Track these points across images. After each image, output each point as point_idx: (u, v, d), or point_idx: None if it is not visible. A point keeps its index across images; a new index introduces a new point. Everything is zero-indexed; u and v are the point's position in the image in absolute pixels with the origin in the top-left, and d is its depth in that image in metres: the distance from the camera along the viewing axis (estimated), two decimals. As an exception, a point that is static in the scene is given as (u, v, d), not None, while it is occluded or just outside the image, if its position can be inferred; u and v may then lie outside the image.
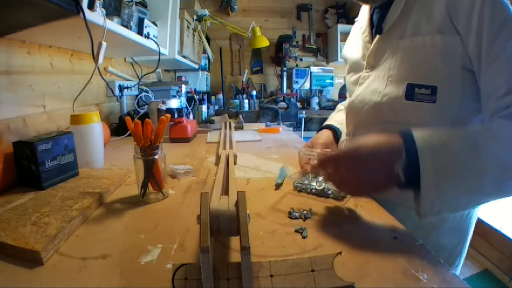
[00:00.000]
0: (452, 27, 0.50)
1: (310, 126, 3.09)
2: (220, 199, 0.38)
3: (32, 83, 0.84)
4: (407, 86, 0.56)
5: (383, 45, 0.61)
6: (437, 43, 0.52)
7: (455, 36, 0.50)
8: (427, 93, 0.54)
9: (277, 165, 0.77)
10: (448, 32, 0.51)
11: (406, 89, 0.56)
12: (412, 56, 0.56)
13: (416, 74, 0.55)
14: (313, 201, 0.56)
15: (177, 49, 1.58)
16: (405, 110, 0.57)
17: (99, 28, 0.77)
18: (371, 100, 0.63)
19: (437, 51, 0.52)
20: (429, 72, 0.54)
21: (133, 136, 0.55)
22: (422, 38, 0.54)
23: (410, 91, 0.56)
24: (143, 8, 1.28)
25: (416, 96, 0.55)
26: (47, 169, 0.58)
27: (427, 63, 0.54)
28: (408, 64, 0.56)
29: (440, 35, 0.52)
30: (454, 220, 0.63)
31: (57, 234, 0.41)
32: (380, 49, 0.62)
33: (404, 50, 0.57)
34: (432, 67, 0.53)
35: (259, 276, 0.33)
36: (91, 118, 0.72)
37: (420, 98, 0.55)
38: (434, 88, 0.53)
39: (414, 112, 0.56)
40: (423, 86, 0.54)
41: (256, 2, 3.10)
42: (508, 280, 1.62)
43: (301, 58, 3.18)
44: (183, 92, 1.72)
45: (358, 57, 0.70)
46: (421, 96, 0.54)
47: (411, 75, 0.56)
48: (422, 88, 0.54)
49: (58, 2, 0.58)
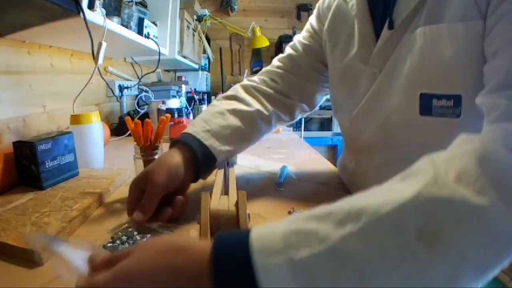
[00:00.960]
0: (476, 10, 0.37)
1: (310, 126, 3.09)
2: (220, 199, 0.38)
3: (32, 83, 0.84)
4: (421, 96, 0.42)
5: (393, 43, 0.46)
6: (458, 34, 0.38)
7: (478, 21, 0.37)
8: (449, 105, 0.41)
9: (277, 165, 0.77)
10: (470, 17, 0.38)
11: (420, 100, 0.42)
12: (423, 53, 0.42)
13: (433, 79, 0.42)
14: (313, 201, 0.56)
15: (177, 49, 1.58)
16: (420, 129, 0.44)
17: (99, 28, 0.77)
18: (375, 118, 0.50)
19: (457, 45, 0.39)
20: (450, 75, 0.40)
21: (133, 136, 0.55)
22: (436, 28, 0.40)
23: (426, 104, 0.42)
24: (143, 8, 1.28)
25: (434, 110, 0.41)
26: (47, 169, 0.58)
27: (447, 63, 0.40)
28: (420, 65, 0.42)
29: (462, 23, 0.38)
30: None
31: (57, 234, 0.41)
32: (388, 48, 0.47)
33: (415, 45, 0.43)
34: (453, 67, 0.40)
35: (259, 276, 0.33)
36: (91, 118, 0.72)
37: (440, 112, 0.41)
38: (457, 97, 0.40)
39: (432, 132, 0.43)
40: (443, 96, 0.41)
41: (256, 2, 3.10)
42: (508, 280, 1.62)
43: (301, 58, 3.18)
44: (183, 92, 1.72)
45: (351, 58, 0.54)
46: (442, 109, 0.41)
47: (426, 81, 0.42)
48: (442, 99, 0.41)
49: (58, 2, 0.58)
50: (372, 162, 0.53)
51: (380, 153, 0.51)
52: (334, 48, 0.59)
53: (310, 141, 1.34)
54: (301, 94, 0.67)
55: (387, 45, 0.47)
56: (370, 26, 0.50)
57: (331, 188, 0.63)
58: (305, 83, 0.67)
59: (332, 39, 0.60)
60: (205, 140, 0.52)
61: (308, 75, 0.66)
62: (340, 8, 0.58)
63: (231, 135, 0.55)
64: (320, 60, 0.66)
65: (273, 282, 0.19)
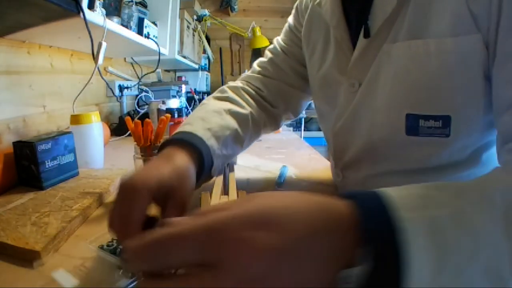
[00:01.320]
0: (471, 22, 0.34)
1: (310, 126, 3.09)
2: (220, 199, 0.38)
3: (32, 83, 0.84)
4: (407, 117, 0.39)
5: (371, 51, 0.43)
6: (447, 51, 0.35)
7: (474, 35, 0.34)
8: (437, 126, 0.38)
9: (277, 165, 0.77)
10: (464, 32, 0.34)
11: (406, 120, 0.40)
12: (409, 70, 0.38)
13: (419, 98, 0.39)
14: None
15: (177, 49, 1.58)
16: (406, 146, 0.42)
17: (99, 28, 0.77)
18: (358, 132, 0.47)
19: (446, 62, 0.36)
20: (438, 95, 0.37)
21: (133, 136, 0.55)
22: (422, 43, 0.37)
23: (412, 124, 0.39)
24: (143, 8, 1.28)
25: (421, 130, 0.39)
26: (47, 169, 0.58)
27: (434, 81, 0.37)
28: (405, 83, 0.39)
29: (452, 39, 0.35)
30: None
31: (57, 234, 0.41)
32: (366, 58, 0.43)
33: (398, 59, 0.39)
34: (442, 87, 0.37)
35: (259, 276, 0.33)
36: (91, 118, 0.72)
37: (428, 132, 0.39)
38: (446, 118, 0.37)
39: (419, 149, 0.41)
40: (431, 117, 0.38)
41: (256, 2, 3.10)
42: (508, 280, 1.62)
43: (301, 58, 3.18)
44: (183, 92, 1.72)
45: (328, 67, 0.50)
46: (429, 130, 0.39)
47: (410, 101, 0.39)
48: (430, 119, 0.38)
49: (58, 2, 0.58)
50: (359, 175, 0.50)
51: (366, 167, 0.49)
52: (311, 56, 0.56)
53: (310, 141, 1.34)
54: (287, 102, 0.63)
55: (364, 55, 0.43)
56: (346, 34, 0.46)
57: (331, 188, 0.63)
58: (290, 90, 0.62)
59: (309, 47, 0.56)
60: (206, 140, 0.44)
61: (292, 81, 0.62)
62: (315, 12, 0.54)
63: (229, 137, 0.48)
64: (302, 63, 0.61)
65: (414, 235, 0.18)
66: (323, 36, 0.52)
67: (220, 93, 0.58)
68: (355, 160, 0.50)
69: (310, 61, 0.57)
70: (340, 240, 0.19)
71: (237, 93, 0.58)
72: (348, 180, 0.53)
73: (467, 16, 0.34)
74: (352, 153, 0.49)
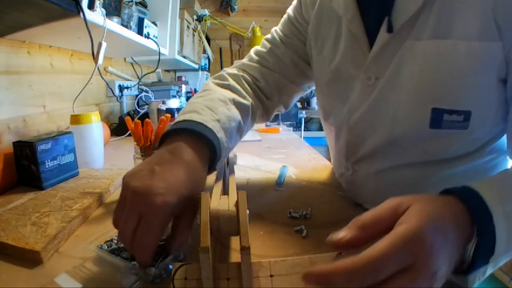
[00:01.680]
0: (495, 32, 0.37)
1: (310, 126, 3.09)
2: (220, 199, 0.38)
3: (32, 83, 0.84)
4: (432, 111, 0.41)
5: (393, 47, 0.44)
6: (476, 52, 0.38)
7: (497, 43, 0.37)
8: (459, 120, 0.41)
9: (277, 165, 0.77)
10: (488, 38, 0.37)
11: (431, 114, 0.42)
12: (437, 67, 0.40)
13: (443, 94, 0.41)
14: (313, 201, 0.56)
15: (177, 49, 1.58)
16: (427, 139, 0.44)
17: (99, 28, 0.77)
18: (379, 126, 0.47)
19: (474, 63, 0.39)
20: (462, 91, 0.40)
21: (133, 136, 0.55)
22: (453, 43, 0.39)
23: (437, 118, 0.41)
24: (143, 8, 1.29)
25: (444, 124, 0.41)
26: (47, 169, 0.58)
27: (460, 79, 0.39)
28: (432, 78, 0.41)
29: (479, 43, 0.37)
30: None
31: (57, 234, 0.41)
32: (387, 53, 0.44)
33: (425, 56, 0.41)
34: (465, 85, 0.40)
35: (259, 276, 0.33)
36: (91, 118, 0.72)
37: (450, 126, 0.41)
38: (468, 113, 0.40)
39: (439, 142, 0.43)
40: (455, 112, 0.40)
41: (256, 2, 3.10)
42: (508, 280, 1.62)
43: (301, 58, 3.18)
44: (183, 92, 1.72)
45: (340, 61, 0.51)
46: (451, 124, 0.41)
47: (436, 96, 0.41)
48: (454, 114, 0.41)
49: (58, 2, 0.58)
50: (372, 169, 0.51)
51: (381, 160, 0.49)
52: (320, 52, 0.56)
53: (310, 141, 1.34)
54: (281, 94, 0.62)
55: (385, 50, 0.44)
56: (362, 28, 0.46)
57: (331, 188, 0.63)
58: (287, 84, 0.62)
59: (318, 42, 0.56)
60: (217, 132, 0.42)
61: (291, 74, 0.61)
62: (324, 6, 0.54)
63: (234, 129, 0.47)
64: (302, 58, 0.61)
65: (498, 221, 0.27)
66: (334, 30, 0.52)
67: (220, 80, 0.56)
68: (371, 153, 0.50)
69: (319, 57, 0.56)
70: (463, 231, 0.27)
71: (239, 82, 0.57)
72: (359, 173, 0.53)
73: (493, 25, 0.37)
74: (368, 146, 0.50)
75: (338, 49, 0.51)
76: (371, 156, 0.50)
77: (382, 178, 0.50)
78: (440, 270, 0.24)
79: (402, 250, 0.23)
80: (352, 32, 0.48)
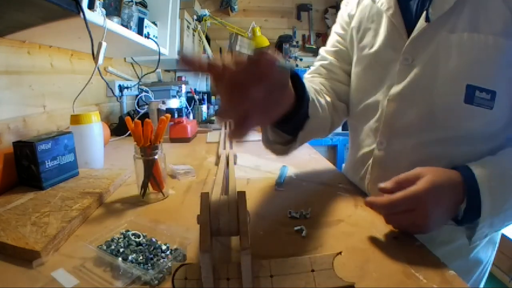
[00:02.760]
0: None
1: (310, 126, 3.08)
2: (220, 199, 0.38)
3: (32, 83, 0.84)
4: (467, 87, 0.49)
5: (430, 35, 0.52)
6: (501, 47, 0.47)
7: None
8: (486, 98, 0.49)
9: (277, 165, 0.77)
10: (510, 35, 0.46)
11: (466, 90, 0.49)
12: (471, 54, 0.49)
13: (476, 75, 0.49)
14: (313, 201, 0.56)
15: (177, 49, 1.58)
16: (460, 114, 0.51)
17: (99, 28, 0.77)
18: (418, 99, 0.53)
19: (500, 55, 0.47)
20: (491, 73, 0.48)
21: (133, 136, 0.55)
22: (484, 37, 0.48)
23: (470, 94, 0.49)
24: (143, 8, 1.28)
25: (475, 100, 0.49)
26: (47, 169, 0.58)
27: (489, 65, 0.48)
28: (467, 63, 0.49)
29: (504, 39, 0.47)
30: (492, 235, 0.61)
31: (57, 234, 0.41)
32: (424, 39, 0.52)
33: (460, 45, 0.49)
34: (494, 70, 0.48)
35: (259, 276, 0.33)
36: (91, 118, 0.72)
37: (480, 102, 0.49)
38: (493, 93, 0.48)
39: (469, 118, 0.50)
40: (484, 90, 0.48)
41: (256, 2, 3.10)
42: (508, 280, 1.62)
43: (301, 58, 3.18)
44: (183, 92, 1.72)
45: (380, 45, 0.58)
46: (481, 100, 0.49)
47: (471, 75, 0.49)
48: (483, 91, 0.48)
49: (58, 2, 0.58)
50: (408, 143, 0.55)
51: (418, 134, 0.54)
52: (361, 41, 0.63)
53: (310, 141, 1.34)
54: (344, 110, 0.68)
55: (422, 36, 0.52)
56: (402, 20, 0.55)
57: (331, 188, 0.63)
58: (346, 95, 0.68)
59: (359, 33, 0.64)
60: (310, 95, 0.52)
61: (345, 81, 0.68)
62: (367, 7, 0.63)
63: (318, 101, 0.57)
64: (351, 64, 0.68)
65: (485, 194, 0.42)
66: (375, 24, 0.61)
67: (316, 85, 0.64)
68: (408, 126, 0.55)
69: (359, 45, 0.64)
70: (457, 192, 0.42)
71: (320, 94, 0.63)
72: (394, 147, 0.57)
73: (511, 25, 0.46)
74: (407, 119, 0.55)
75: (378, 37, 0.59)
76: (408, 130, 0.55)
77: (417, 153, 0.54)
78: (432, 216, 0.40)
79: (409, 200, 0.40)
80: (393, 23, 0.56)
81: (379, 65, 0.59)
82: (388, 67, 0.57)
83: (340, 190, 0.61)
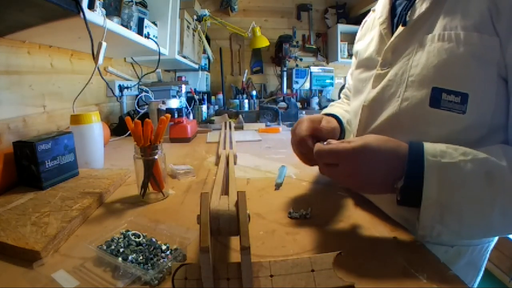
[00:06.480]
0: (491, 27, 0.42)
1: (310, 126, 3.08)
2: (220, 199, 0.38)
3: (32, 83, 0.84)
4: (432, 89, 0.46)
5: (406, 39, 0.51)
6: (474, 42, 0.43)
7: (494, 37, 0.42)
8: (456, 101, 0.45)
9: (277, 165, 0.77)
10: (486, 32, 0.42)
11: (431, 93, 0.46)
12: (440, 54, 0.46)
13: (444, 76, 0.46)
14: (313, 201, 0.56)
15: (177, 49, 1.58)
16: (427, 119, 0.48)
17: (99, 28, 0.77)
18: (387, 105, 0.53)
19: (472, 51, 0.43)
20: (461, 74, 0.45)
21: (133, 136, 0.55)
22: (454, 33, 0.45)
23: (436, 96, 0.46)
24: (143, 8, 1.28)
25: (442, 103, 0.46)
26: (47, 169, 0.58)
27: (459, 64, 0.44)
28: (434, 64, 0.47)
29: (477, 34, 0.43)
30: (471, 256, 0.57)
31: (57, 234, 0.41)
32: (401, 43, 0.52)
33: (431, 45, 0.47)
34: (465, 69, 0.44)
35: (259, 276, 0.33)
36: (91, 118, 0.72)
37: (448, 106, 0.45)
38: (465, 95, 0.44)
39: (438, 123, 0.47)
40: (452, 92, 0.45)
41: (256, 2, 3.10)
42: (508, 280, 1.62)
43: (301, 58, 3.18)
44: (183, 92, 1.72)
45: (371, 52, 0.60)
46: (449, 104, 0.45)
47: (438, 77, 0.46)
48: (451, 94, 0.45)
49: (58, 2, 0.58)
50: None
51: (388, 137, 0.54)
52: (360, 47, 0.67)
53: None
54: None
55: (400, 40, 0.53)
56: (389, 28, 0.57)
57: (331, 188, 0.63)
58: None
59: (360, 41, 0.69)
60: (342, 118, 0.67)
61: None
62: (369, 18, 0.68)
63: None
64: None
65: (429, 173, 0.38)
66: (372, 32, 0.64)
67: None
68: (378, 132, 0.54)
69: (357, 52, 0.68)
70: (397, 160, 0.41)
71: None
72: None
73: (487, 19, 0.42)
74: (376, 126, 0.55)
75: (371, 43, 0.62)
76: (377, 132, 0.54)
77: None
78: (358, 176, 0.42)
79: (333, 154, 0.42)
80: (381, 32, 0.58)
81: (368, 70, 0.61)
82: (372, 72, 0.58)
83: (340, 190, 0.61)
